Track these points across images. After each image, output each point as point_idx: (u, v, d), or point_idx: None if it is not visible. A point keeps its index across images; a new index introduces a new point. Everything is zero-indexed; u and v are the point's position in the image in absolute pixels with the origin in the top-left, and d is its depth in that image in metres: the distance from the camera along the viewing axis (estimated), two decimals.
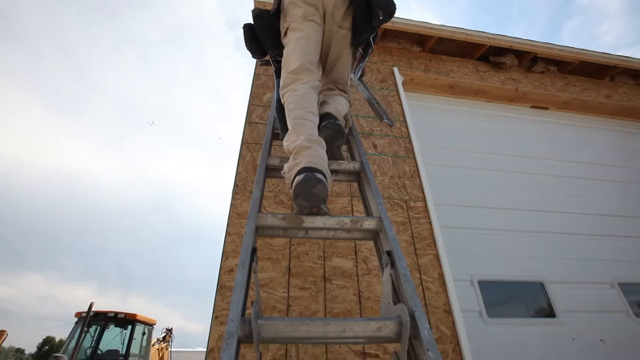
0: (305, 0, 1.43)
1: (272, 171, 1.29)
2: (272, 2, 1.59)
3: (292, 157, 1.13)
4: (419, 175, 2.25)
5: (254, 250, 0.90)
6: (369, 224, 1.04)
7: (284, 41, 1.48)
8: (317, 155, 1.10)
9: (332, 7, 1.42)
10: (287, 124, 1.26)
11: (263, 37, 1.53)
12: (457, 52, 3.46)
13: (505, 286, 2.26)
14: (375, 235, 1.08)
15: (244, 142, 2.16)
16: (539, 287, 2.30)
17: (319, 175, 1.03)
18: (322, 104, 1.48)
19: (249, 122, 2.28)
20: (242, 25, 1.60)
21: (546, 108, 3.51)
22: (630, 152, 3.44)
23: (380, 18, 1.39)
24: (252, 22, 1.56)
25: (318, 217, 1.01)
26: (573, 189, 2.91)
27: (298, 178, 1.03)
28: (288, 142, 1.20)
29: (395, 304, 0.83)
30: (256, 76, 2.61)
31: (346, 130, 1.59)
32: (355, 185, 1.58)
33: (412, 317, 0.74)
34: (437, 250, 1.96)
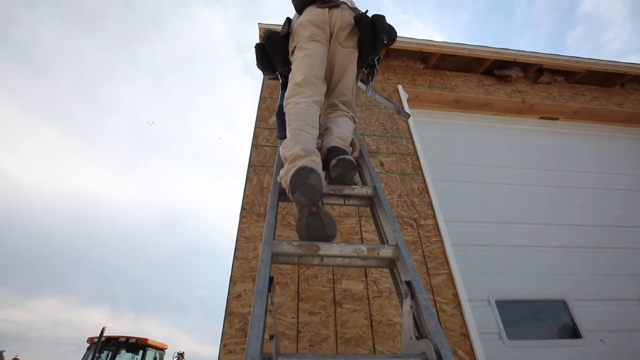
0: (313, 23, 1.55)
1: (284, 195, 1.28)
2: (281, 26, 1.73)
3: (288, 163, 1.19)
4: (427, 192, 2.21)
5: (271, 280, 0.87)
6: (386, 252, 1.02)
7: (292, 59, 1.60)
8: (312, 160, 1.17)
9: (338, 29, 1.57)
10: (287, 132, 1.34)
11: (273, 55, 1.65)
12: (460, 67, 3.47)
13: (525, 305, 2.16)
14: (391, 264, 1.05)
15: (250, 165, 2.18)
16: (561, 306, 2.19)
17: (312, 168, 1.09)
18: (325, 129, 1.54)
19: (255, 145, 2.30)
20: (254, 45, 1.72)
21: (555, 119, 3.46)
22: None
23: (385, 42, 1.52)
24: (264, 42, 1.69)
25: (334, 244, 1.00)
26: (589, 200, 2.82)
27: (292, 174, 1.10)
28: (285, 149, 1.26)
29: (418, 338, 0.79)
30: (262, 99, 2.66)
31: (355, 154, 1.57)
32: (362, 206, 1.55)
33: (438, 353, 0.71)
34: (450, 269, 1.90)
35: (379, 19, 1.53)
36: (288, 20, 1.69)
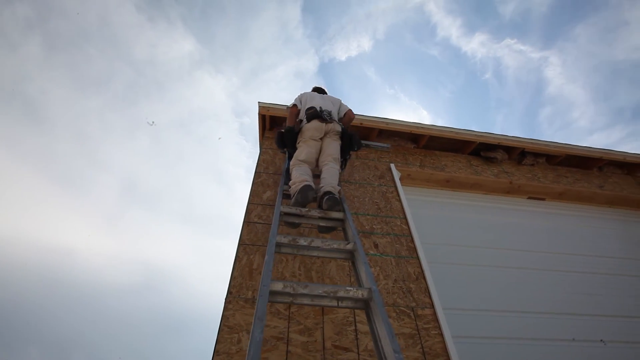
0: (315, 129, 2.49)
1: (275, 295, 1.18)
2: (277, 104, 3.02)
3: (297, 183, 2.17)
4: (424, 278, 2.12)
5: None
6: None
7: (297, 145, 2.54)
8: (310, 181, 2.20)
9: (330, 132, 2.53)
10: (292, 177, 2.27)
11: (288, 140, 2.57)
12: (449, 147, 3.65)
13: None
14: None
15: (241, 244, 2.09)
16: None
17: (309, 185, 2.15)
18: (322, 179, 2.31)
19: (247, 221, 2.24)
20: (277, 132, 2.64)
21: (542, 199, 3.55)
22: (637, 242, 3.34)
23: (355, 148, 2.58)
24: (283, 132, 2.59)
25: None
26: (596, 286, 2.73)
27: (300, 186, 2.12)
28: (293, 181, 2.22)
29: None
30: (257, 174, 2.69)
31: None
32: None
33: None
34: None
35: (354, 135, 2.58)
36: (300, 121, 2.63)
